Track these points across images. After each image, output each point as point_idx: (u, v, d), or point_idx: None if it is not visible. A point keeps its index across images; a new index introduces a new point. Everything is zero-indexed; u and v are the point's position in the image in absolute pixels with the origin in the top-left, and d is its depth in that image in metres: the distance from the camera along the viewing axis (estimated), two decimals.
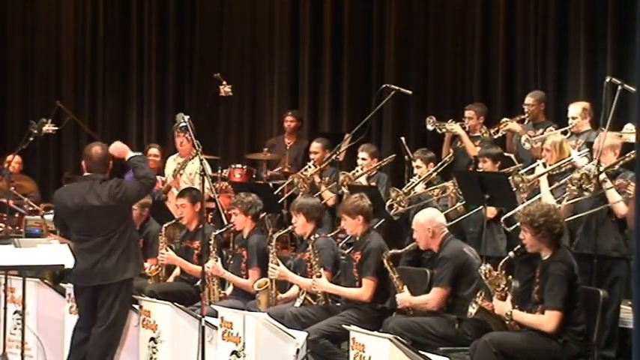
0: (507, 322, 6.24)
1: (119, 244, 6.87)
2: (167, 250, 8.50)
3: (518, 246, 6.42)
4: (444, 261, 6.86)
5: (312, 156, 9.89)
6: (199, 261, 8.40)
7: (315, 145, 9.91)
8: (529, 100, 9.36)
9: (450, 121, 9.58)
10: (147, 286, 8.34)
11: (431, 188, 8.74)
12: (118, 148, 7.09)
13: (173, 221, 8.70)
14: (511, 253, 6.39)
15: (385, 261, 7.08)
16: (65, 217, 7.02)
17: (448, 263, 6.82)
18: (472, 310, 6.30)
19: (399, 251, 7.27)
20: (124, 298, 7.03)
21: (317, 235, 7.55)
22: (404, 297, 6.99)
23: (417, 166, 8.92)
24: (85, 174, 7.06)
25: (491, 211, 8.00)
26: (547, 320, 6.08)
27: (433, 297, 6.84)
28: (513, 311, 6.19)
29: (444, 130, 9.55)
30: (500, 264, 6.34)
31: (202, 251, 7.61)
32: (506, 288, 6.30)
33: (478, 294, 6.35)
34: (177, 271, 8.72)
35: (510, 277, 6.56)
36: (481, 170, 8.46)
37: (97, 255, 6.86)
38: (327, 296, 7.47)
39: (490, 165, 8.43)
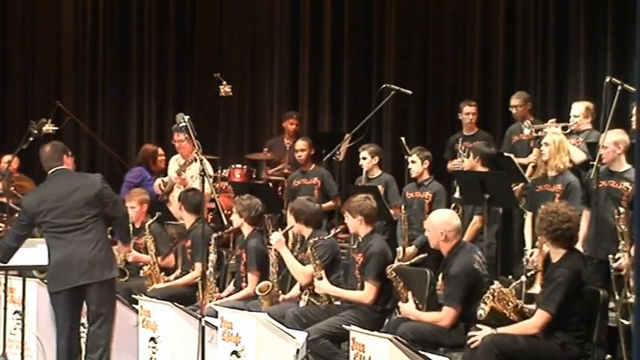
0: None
1: (102, 235, 6.80)
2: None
3: (532, 270, 6.41)
4: (454, 279, 6.68)
5: (298, 153, 9.87)
6: (192, 260, 8.44)
7: (302, 143, 9.90)
8: (515, 101, 9.42)
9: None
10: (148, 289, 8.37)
11: None
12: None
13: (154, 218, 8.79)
14: (523, 278, 6.36)
15: (389, 272, 6.92)
16: (49, 212, 6.73)
17: (459, 282, 6.66)
18: (482, 312, 6.24)
19: (405, 264, 7.13)
20: (113, 294, 6.97)
21: (316, 238, 7.54)
22: (410, 310, 6.85)
23: (412, 161, 8.92)
24: (51, 171, 6.90)
25: None
26: (533, 321, 6.08)
27: (445, 316, 6.70)
28: (498, 329, 6.14)
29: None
30: (511, 286, 6.29)
31: (203, 250, 7.60)
32: (519, 306, 6.25)
33: (485, 296, 6.27)
34: (177, 271, 8.72)
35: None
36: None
37: (82, 246, 6.70)
38: (330, 297, 7.47)
39: (471, 159, 8.57)
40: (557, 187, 7.80)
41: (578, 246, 7.33)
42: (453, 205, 8.78)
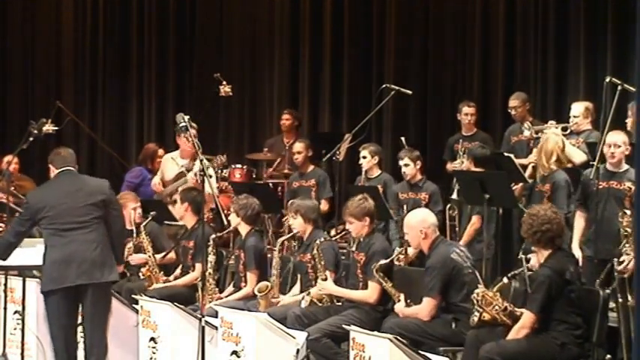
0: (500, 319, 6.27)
1: (104, 237, 6.78)
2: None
3: (514, 272, 6.44)
4: (431, 270, 6.80)
5: (295, 156, 9.88)
6: (193, 261, 8.43)
7: (299, 145, 9.91)
8: (514, 102, 9.42)
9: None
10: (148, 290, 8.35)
11: None
12: None
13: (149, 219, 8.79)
14: (505, 279, 6.38)
15: (375, 272, 7.02)
16: (52, 208, 6.72)
17: (435, 272, 6.76)
18: (475, 318, 6.27)
19: (385, 262, 7.11)
20: (109, 296, 6.95)
21: (322, 239, 7.53)
22: (400, 308, 6.93)
23: (405, 164, 8.93)
24: (58, 170, 6.95)
25: None
26: (521, 322, 6.12)
27: (423, 307, 6.78)
28: (500, 341, 6.17)
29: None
30: (495, 289, 6.32)
31: (203, 251, 7.59)
32: (508, 309, 6.27)
33: (477, 300, 6.31)
34: (177, 271, 8.72)
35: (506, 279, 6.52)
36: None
37: (85, 246, 6.69)
38: (333, 297, 7.46)
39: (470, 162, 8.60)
40: (546, 186, 7.86)
41: (575, 247, 7.35)
42: (449, 206, 8.79)
